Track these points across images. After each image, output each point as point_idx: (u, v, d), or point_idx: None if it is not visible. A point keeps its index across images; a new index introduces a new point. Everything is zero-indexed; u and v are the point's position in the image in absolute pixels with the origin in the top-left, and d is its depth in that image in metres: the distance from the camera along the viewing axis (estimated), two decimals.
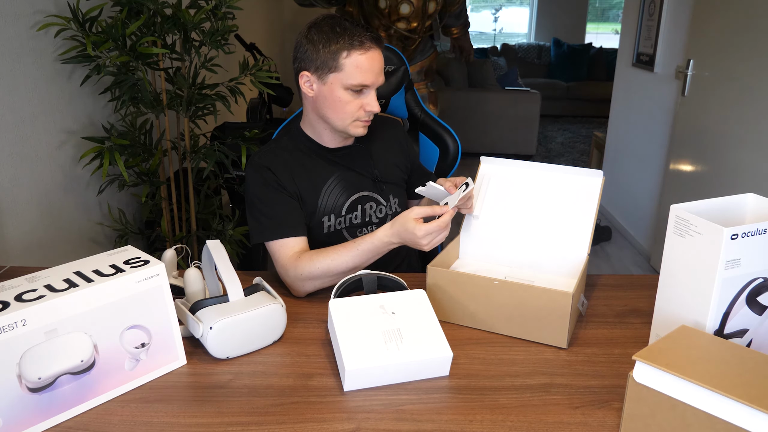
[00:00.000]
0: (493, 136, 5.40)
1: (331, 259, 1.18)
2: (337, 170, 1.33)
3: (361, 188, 1.34)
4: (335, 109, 1.24)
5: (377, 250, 1.19)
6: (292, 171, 1.29)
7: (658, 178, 3.29)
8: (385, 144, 1.41)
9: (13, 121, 1.67)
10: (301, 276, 1.19)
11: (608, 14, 9.67)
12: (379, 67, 1.24)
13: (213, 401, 0.89)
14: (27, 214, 1.74)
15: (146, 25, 1.88)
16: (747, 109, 2.37)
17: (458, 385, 0.93)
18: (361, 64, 1.20)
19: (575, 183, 1.23)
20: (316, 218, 1.31)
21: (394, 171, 1.40)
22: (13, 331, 0.78)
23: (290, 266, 1.20)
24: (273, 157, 1.30)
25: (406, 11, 3.16)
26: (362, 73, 1.20)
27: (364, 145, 1.36)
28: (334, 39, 1.19)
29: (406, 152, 1.45)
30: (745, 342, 0.92)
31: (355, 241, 1.20)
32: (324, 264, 1.18)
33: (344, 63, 1.19)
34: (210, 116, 2.41)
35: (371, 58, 1.21)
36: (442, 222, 1.11)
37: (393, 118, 1.50)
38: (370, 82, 1.22)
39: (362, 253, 1.18)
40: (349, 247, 1.19)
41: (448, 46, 6.11)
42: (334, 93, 1.22)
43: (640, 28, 3.55)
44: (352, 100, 1.22)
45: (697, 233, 0.88)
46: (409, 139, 1.49)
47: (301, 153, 1.32)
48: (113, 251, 0.97)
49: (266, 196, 1.26)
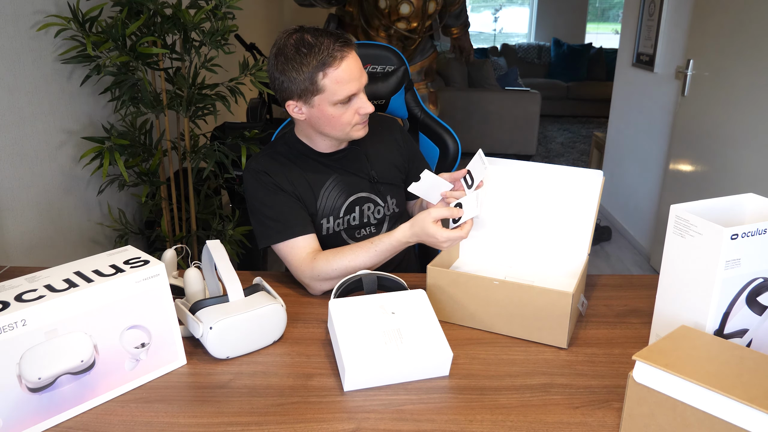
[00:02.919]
0: (493, 136, 5.40)
1: (349, 260, 1.19)
2: (334, 173, 1.33)
3: (358, 190, 1.34)
4: (332, 124, 1.23)
5: (394, 250, 1.20)
6: (289, 174, 1.28)
7: (658, 178, 3.29)
8: (381, 145, 1.40)
9: (13, 121, 1.67)
10: (318, 277, 1.20)
11: (608, 14, 9.67)
12: (359, 70, 1.19)
13: (213, 401, 0.89)
14: (27, 214, 1.74)
15: (146, 25, 1.88)
16: (747, 109, 2.37)
17: (458, 385, 0.93)
18: (340, 78, 1.16)
19: (575, 183, 1.23)
20: (316, 221, 1.31)
21: (392, 171, 1.40)
22: (13, 331, 0.78)
23: (306, 267, 1.21)
24: (269, 160, 1.29)
25: (406, 11, 3.16)
26: (344, 85, 1.17)
27: (361, 147, 1.36)
28: (304, 62, 1.15)
29: (403, 151, 1.44)
30: (745, 342, 0.92)
31: (372, 241, 1.20)
32: (342, 264, 1.19)
33: (324, 83, 1.16)
34: (210, 116, 2.41)
35: (348, 67, 1.17)
36: (464, 232, 1.13)
37: (389, 117, 1.49)
38: (355, 90, 1.19)
39: (380, 253, 1.19)
40: (366, 247, 1.19)
41: (448, 46, 6.11)
42: (325, 112, 1.20)
43: (640, 28, 3.55)
44: (344, 111, 1.21)
45: (697, 233, 0.87)
46: (408, 135, 1.47)
47: (297, 157, 1.32)
48: (113, 251, 0.97)
49: (267, 199, 1.26)
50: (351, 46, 1.19)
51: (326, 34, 1.17)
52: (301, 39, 1.16)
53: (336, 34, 1.18)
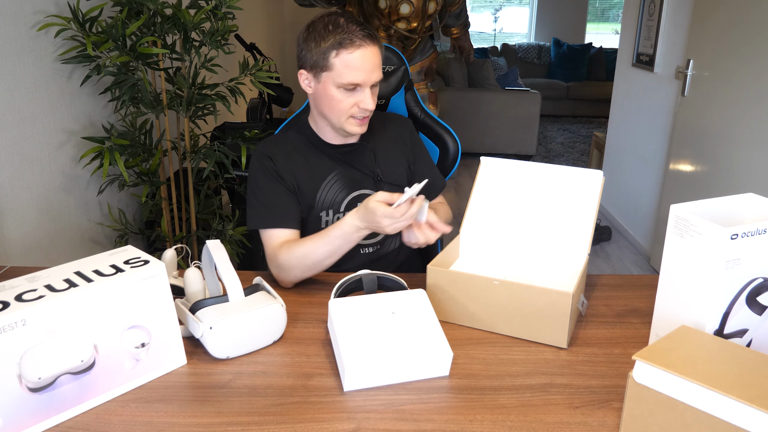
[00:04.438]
0: (493, 136, 5.40)
1: (306, 247, 1.19)
2: (339, 166, 1.33)
3: (361, 186, 1.34)
4: (330, 106, 1.24)
5: (346, 236, 1.17)
6: (293, 163, 1.30)
7: (658, 178, 3.29)
8: (391, 143, 1.40)
9: (13, 121, 1.67)
10: (281, 266, 1.21)
11: (608, 14, 9.67)
12: (372, 64, 1.21)
13: (213, 401, 0.89)
14: (27, 214, 1.74)
15: (146, 25, 1.88)
16: (747, 109, 2.37)
17: (458, 385, 0.93)
18: (350, 63, 1.19)
19: (575, 183, 1.23)
20: (315, 213, 1.31)
21: (397, 171, 1.40)
22: (13, 331, 0.78)
23: (272, 256, 1.23)
24: (276, 146, 1.32)
25: (406, 11, 3.16)
26: (352, 71, 1.19)
27: (369, 143, 1.36)
28: (325, 37, 1.19)
29: (409, 151, 1.43)
30: (745, 342, 0.92)
31: (327, 229, 1.20)
32: (300, 252, 1.19)
33: (334, 62, 1.19)
34: (210, 116, 2.41)
35: (362, 56, 1.19)
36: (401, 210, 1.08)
37: (402, 116, 1.49)
38: (361, 81, 1.20)
39: (333, 239, 1.18)
40: (321, 234, 1.19)
41: (448, 46, 6.11)
42: (327, 91, 1.22)
43: (640, 28, 3.55)
44: (345, 98, 1.22)
45: (697, 233, 0.88)
46: (417, 137, 1.47)
47: (304, 146, 1.33)
48: (113, 251, 0.97)
49: (264, 184, 1.28)
50: (375, 41, 1.22)
51: (358, 24, 1.20)
52: (334, 19, 1.20)
53: (367, 28, 1.21)
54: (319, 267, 1.21)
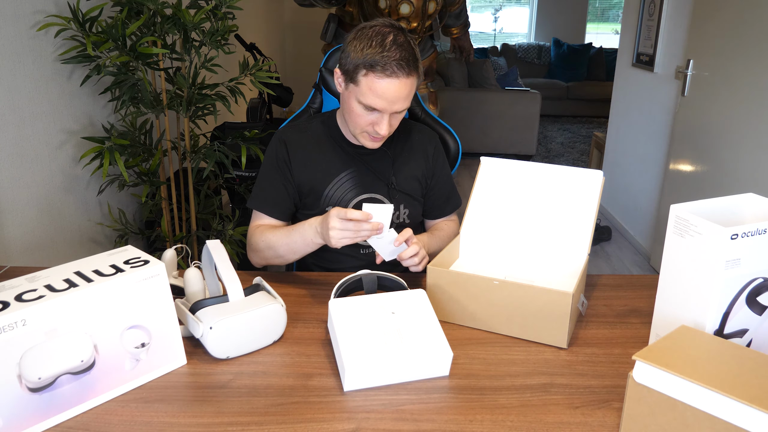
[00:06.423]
0: (493, 136, 5.40)
1: (273, 237, 1.25)
2: (354, 165, 1.33)
3: (373, 190, 1.34)
4: (350, 116, 1.25)
5: (304, 237, 1.19)
6: (307, 154, 1.32)
7: (658, 178, 3.29)
8: (411, 154, 1.38)
9: (13, 121, 1.67)
10: (251, 246, 1.30)
11: (608, 14, 9.67)
12: (396, 96, 1.17)
13: (213, 401, 0.89)
14: (27, 214, 1.74)
15: (146, 25, 1.88)
16: (747, 109, 2.37)
17: (458, 385, 0.93)
18: (375, 88, 1.16)
19: (575, 183, 1.23)
20: (320, 207, 1.32)
21: (413, 183, 1.37)
22: (13, 331, 0.78)
23: (249, 234, 1.32)
24: (296, 134, 1.35)
25: (406, 11, 3.16)
26: (374, 96, 1.17)
27: (390, 150, 1.35)
28: (364, 50, 1.15)
29: (429, 165, 1.40)
30: (745, 342, 0.92)
31: (294, 225, 1.25)
32: (267, 238, 1.26)
33: (361, 80, 1.17)
34: (210, 116, 2.41)
35: (389, 85, 1.15)
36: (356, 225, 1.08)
37: (430, 130, 1.45)
38: (381, 108, 1.18)
39: (293, 235, 1.22)
40: (288, 229, 1.24)
41: (448, 46, 6.11)
42: (350, 101, 1.22)
43: (640, 28, 3.55)
44: (364, 114, 1.21)
45: (697, 233, 0.88)
46: (441, 153, 1.43)
47: (325, 139, 1.35)
48: (113, 251, 0.97)
49: (269, 168, 1.33)
50: (411, 73, 1.17)
51: (402, 50, 1.15)
52: (384, 34, 1.16)
53: (409, 59, 1.16)
54: (282, 259, 1.26)
